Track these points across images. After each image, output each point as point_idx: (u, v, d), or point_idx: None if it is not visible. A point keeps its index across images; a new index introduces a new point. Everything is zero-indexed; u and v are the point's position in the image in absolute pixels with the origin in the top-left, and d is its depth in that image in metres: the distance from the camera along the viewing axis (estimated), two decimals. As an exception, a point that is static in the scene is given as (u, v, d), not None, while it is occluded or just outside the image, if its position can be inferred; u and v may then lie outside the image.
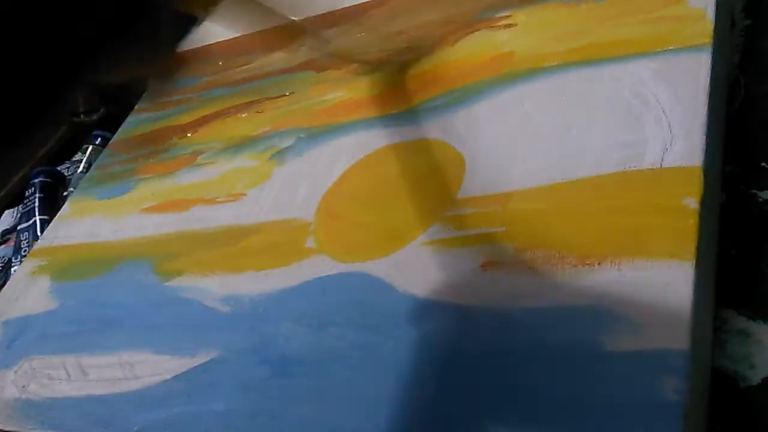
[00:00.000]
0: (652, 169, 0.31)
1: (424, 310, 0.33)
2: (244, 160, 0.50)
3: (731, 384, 0.29)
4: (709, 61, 0.34)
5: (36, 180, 0.68)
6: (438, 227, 0.36)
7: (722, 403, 0.28)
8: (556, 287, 0.30)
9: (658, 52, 0.36)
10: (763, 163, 0.35)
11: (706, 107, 0.32)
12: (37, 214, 0.64)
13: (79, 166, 0.70)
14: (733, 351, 0.29)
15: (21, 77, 0.21)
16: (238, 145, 0.51)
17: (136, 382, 0.39)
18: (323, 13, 0.59)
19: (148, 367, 0.39)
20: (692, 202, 0.29)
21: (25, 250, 0.61)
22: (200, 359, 0.38)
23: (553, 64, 0.40)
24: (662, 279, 0.28)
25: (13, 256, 0.62)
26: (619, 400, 0.26)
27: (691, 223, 0.29)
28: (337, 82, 0.51)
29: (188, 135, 0.57)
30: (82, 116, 0.76)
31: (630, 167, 0.32)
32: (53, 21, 0.21)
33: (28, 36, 0.21)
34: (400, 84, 0.46)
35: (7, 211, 0.72)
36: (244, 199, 0.46)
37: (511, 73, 0.41)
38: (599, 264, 0.30)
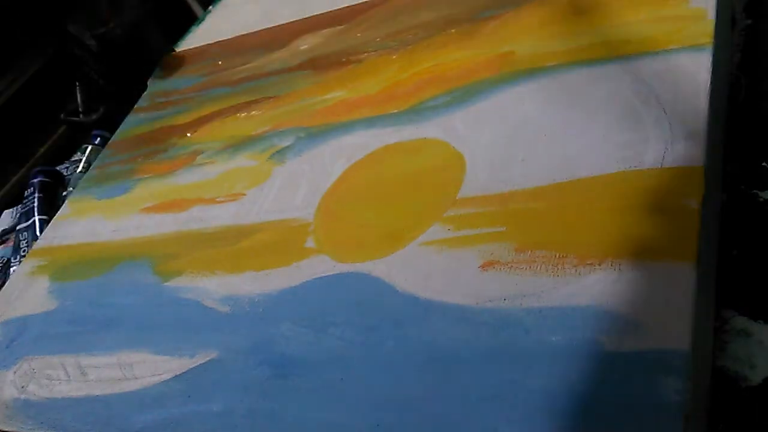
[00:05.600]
0: (652, 169, 0.31)
1: (424, 310, 0.33)
2: (244, 160, 0.49)
3: (732, 384, 0.29)
4: (710, 61, 0.34)
5: (35, 180, 0.68)
6: (438, 227, 0.36)
7: (723, 404, 0.28)
8: (556, 287, 0.30)
9: (659, 51, 0.36)
10: (763, 163, 0.35)
11: (707, 107, 0.32)
12: (36, 214, 0.64)
13: (78, 166, 0.70)
14: (734, 351, 0.29)
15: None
16: (238, 145, 0.51)
17: (135, 382, 0.39)
18: (323, 13, 0.59)
19: (147, 368, 0.39)
20: (693, 202, 0.29)
21: (24, 250, 0.61)
22: (200, 359, 0.38)
23: (553, 63, 0.40)
24: (663, 279, 0.28)
25: (12, 256, 0.62)
26: (619, 400, 0.26)
27: (692, 223, 0.29)
28: (337, 82, 0.51)
29: (187, 135, 0.57)
30: (81, 116, 0.77)
31: (630, 167, 0.32)
32: None
33: None
34: (400, 84, 0.46)
35: (6, 211, 0.72)
36: (243, 199, 0.46)
37: (512, 73, 0.41)
38: (599, 264, 0.30)
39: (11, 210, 0.72)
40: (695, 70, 0.34)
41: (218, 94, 0.59)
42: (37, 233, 0.62)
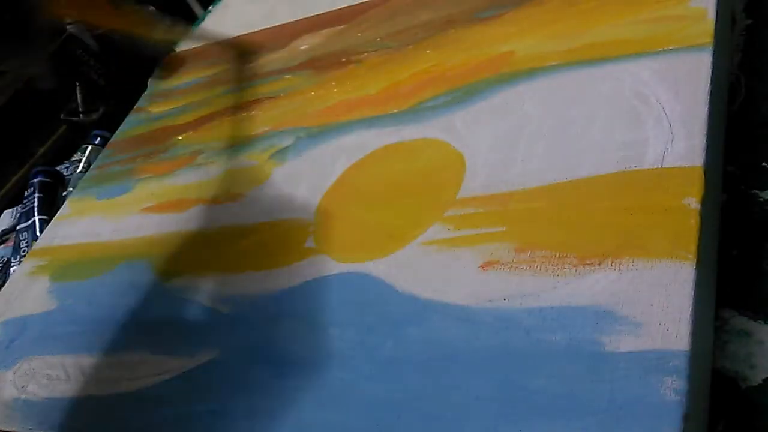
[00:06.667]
0: (652, 168, 0.31)
1: (424, 310, 0.33)
2: (244, 160, 0.50)
3: (732, 384, 0.29)
4: (710, 61, 0.34)
5: (35, 180, 0.68)
6: (438, 227, 0.36)
7: (723, 404, 0.28)
8: (556, 287, 0.30)
9: (659, 51, 0.36)
10: (763, 163, 0.35)
11: (707, 107, 0.32)
12: (36, 214, 0.64)
13: (78, 166, 0.70)
14: (734, 351, 0.29)
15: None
16: (238, 145, 0.51)
17: (135, 382, 0.39)
18: (323, 13, 0.59)
19: (147, 368, 0.39)
20: (693, 202, 0.29)
21: (24, 250, 0.61)
22: (200, 359, 0.38)
23: (553, 63, 0.40)
24: (662, 279, 0.28)
25: (12, 256, 0.62)
26: (619, 400, 0.26)
27: (692, 223, 0.29)
28: (337, 82, 0.51)
29: (188, 135, 0.57)
30: (81, 116, 0.77)
31: (630, 167, 0.32)
32: None
33: None
34: (400, 84, 0.46)
35: (6, 211, 0.73)
36: (243, 199, 0.46)
37: (511, 73, 0.41)
38: (599, 264, 0.30)
39: (11, 210, 0.72)
40: (695, 70, 0.34)
41: (219, 94, 0.59)
42: (37, 233, 0.62)
